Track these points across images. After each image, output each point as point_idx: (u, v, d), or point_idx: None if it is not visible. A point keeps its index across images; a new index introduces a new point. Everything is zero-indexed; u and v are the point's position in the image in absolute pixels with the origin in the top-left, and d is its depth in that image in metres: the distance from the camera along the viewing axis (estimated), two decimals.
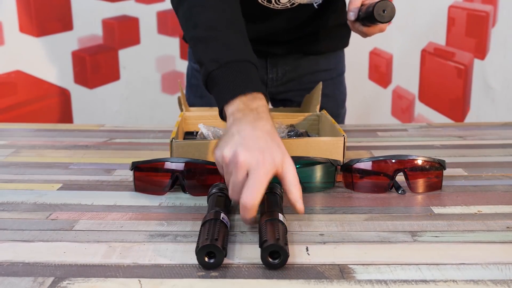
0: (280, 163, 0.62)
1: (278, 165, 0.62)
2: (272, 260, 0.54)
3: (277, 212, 0.61)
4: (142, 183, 0.77)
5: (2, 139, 1.08)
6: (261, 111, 0.67)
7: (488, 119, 1.64)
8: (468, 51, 1.77)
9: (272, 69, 1.18)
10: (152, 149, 1.01)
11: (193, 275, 0.53)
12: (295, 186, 0.62)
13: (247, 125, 0.65)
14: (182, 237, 0.62)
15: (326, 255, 0.57)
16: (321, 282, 0.52)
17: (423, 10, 2.07)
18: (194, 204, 0.72)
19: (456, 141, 1.06)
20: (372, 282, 0.52)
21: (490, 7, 1.64)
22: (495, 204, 0.72)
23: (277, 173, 0.62)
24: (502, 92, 1.62)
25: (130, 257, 0.57)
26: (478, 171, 0.86)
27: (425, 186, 0.77)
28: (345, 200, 0.74)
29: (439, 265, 0.55)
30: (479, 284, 0.51)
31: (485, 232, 0.63)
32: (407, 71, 2.24)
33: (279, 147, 0.63)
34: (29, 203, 0.73)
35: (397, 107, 2.37)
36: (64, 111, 2.09)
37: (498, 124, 1.21)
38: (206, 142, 0.80)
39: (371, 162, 0.77)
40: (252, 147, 0.62)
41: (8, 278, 0.53)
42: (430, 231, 0.63)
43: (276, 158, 0.61)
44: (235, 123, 0.66)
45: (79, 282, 0.52)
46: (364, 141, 1.06)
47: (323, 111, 0.99)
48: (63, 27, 2.02)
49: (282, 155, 0.62)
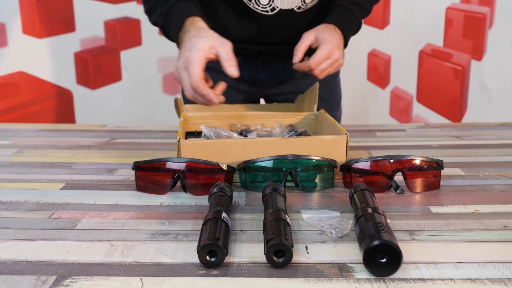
0: (207, 47, 0.86)
1: (206, 49, 0.86)
2: (276, 258, 0.54)
3: (283, 212, 0.61)
4: (143, 183, 0.78)
5: (6, 139, 1.08)
6: (195, 24, 0.93)
7: (485, 120, 1.65)
8: (465, 52, 1.78)
9: (263, 69, 1.17)
10: (153, 149, 1.01)
11: (194, 274, 0.54)
12: (223, 57, 0.87)
13: (186, 39, 0.90)
14: (183, 236, 0.62)
15: (326, 254, 0.58)
16: (320, 280, 0.52)
17: (421, 12, 2.08)
18: (195, 204, 0.73)
19: (453, 141, 1.07)
20: (370, 280, 0.52)
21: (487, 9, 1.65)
22: (492, 204, 0.73)
23: (208, 55, 0.87)
24: (499, 93, 1.63)
25: (131, 255, 0.58)
26: (475, 171, 0.87)
27: (423, 185, 0.77)
28: (344, 199, 0.75)
29: (437, 263, 0.56)
30: (476, 282, 0.52)
31: (482, 231, 0.64)
32: (405, 72, 2.25)
33: (207, 38, 0.88)
34: (32, 203, 0.73)
35: (395, 108, 2.38)
36: (66, 111, 2.09)
37: (495, 125, 1.21)
38: (213, 142, 0.80)
39: (370, 162, 0.77)
40: (184, 49, 0.88)
41: (11, 276, 0.53)
42: (428, 230, 0.64)
43: (204, 45, 0.86)
44: (181, 45, 0.92)
45: (82, 281, 0.52)
46: (362, 141, 1.06)
47: (321, 111, 0.99)
48: (66, 28, 2.02)
49: (209, 40, 0.87)
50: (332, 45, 0.97)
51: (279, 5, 1.04)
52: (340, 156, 0.81)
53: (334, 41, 0.98)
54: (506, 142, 1.05)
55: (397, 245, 0.52)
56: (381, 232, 0.54)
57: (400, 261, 0.52)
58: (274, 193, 0.67)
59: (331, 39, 0.98)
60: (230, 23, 1.10)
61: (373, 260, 0.53)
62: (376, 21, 2.45)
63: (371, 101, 2.58)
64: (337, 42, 0.98)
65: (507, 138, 1.09)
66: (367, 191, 0.67)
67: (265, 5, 1.04)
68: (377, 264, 0.53)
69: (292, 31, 1.07)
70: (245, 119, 1.01)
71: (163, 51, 2.30)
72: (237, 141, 0.81)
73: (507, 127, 1.18)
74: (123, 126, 1.22)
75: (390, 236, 0.54)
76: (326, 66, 0.97)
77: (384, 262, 0.52)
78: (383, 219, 0.58)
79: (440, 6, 1.92)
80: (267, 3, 1.04)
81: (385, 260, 0.52)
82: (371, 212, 0.59)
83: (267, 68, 1.17)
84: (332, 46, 0.97)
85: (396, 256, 0.52)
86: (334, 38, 0.98)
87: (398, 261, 0.52)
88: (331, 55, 0.97)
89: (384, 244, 0.52)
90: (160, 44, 2.28)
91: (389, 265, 0.53)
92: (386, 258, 0.52)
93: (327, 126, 0.94)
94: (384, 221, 0.57)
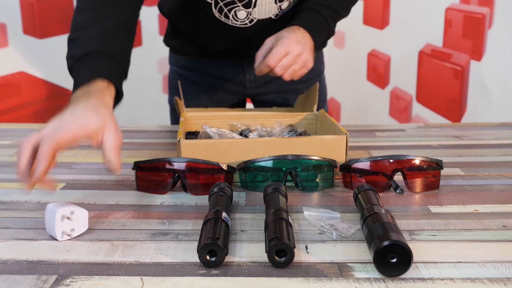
0: (93, 129, 0.67)
1: (90, 132, 0.67)
2: (278, 258, 0.55)
3: (285, 212, 0.62)
4: (144, 183, 0.78)
5: (6, 139, 1.08)
6: (93, 92, 0.73)
7: (485, 120, 1.65)
8: (465, 52, 1.79)
9: (249, 70, 1.18)
10: (153, 149, 1.01)
11: (194, 273, 0.54)
12: (107, 149, 0.68)
13: (73, 105, 0.71)
14: (184, 236, 0.63)
15: (325, 253, 0.58)
16: (320, 280, 0.53)
17: (421, 12, 2.08)
18: (195, 203, 0.73)
19: (453, 141, 1.07)
20: (370, 280, 0.52)
21: (487, 9, 1.65)
22: (491, 203, 0.73)
23: (91, 138, 0.68)
24: (498, 93, 1.63)
25: (132, 255, 0.58)
26: (475, 171, 0.87)
27: (422, 185, 0.78)
28: (344, 199, 0.75)
29: (437, 263, 0.56)
30: (475, 282, 0.52)
31: (481, 231, 0.64)
32: (405, 72, 2.25)
33: (98, 116, 0.69)
34: (32, 202, 0.73)
35: (394, 108, 2.38)
36: None
37: (494, 125, 1.22)
38: (213, 142, 0.81)
39: (370, 162, 0.78)
40: (64, 119, 0.68)
41: (12, 276, 0.53)
42: (428, 230, 0.64)
43: (90, 125, 0.67)
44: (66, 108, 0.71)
45: (82, 280, 0.52)
46: (362, 141, 1.07)
47: (321, 111, 1.00)
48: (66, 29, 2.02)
49: (101, 121, 0.68)
50: (290, 40, 0.91)
51: (257, 16, 1.04)
52: (340, 156, 0.81)
53: (294, 37, 0.92)
54: (506, 142, 1.05)
55: (408, 246, 0.52)
56: (391, 232, 0.54)
57: (410, 261, 0.52)
58: (276, 193, 0.68)
59: (289, 36, 0.92)
60: (209, 37, 1.10)
61: (384, 259, 0.53)
62: (375, 22, 2.46)
63: (371, 101, 2.58)
64: (297, 38, 0.93)
65: (507, 138, 1.09)
66: (371, 191, 0.67)
67: (244, 19, 1.03)
68: (387, 264, 0.53)
69: (270, 35, 1.07)
70: (245, 119, 1.01)
71: (163, 51, 2.30)
72: (237, 141, 0.82)
73: (506, 127, 1.18)
74: (123, 126, 1.21)
75: (400, 236, 0.54)
76: (287, 62, 0.91)
77: (394, 262, 0.53)
78: (390, 219, 0.58)
79: (440, 7, 1.92)
80: (245, 17, 1.03)
81: (395, 260, 0.53)
82: (379, 212, 0.59)
83: (252, 69, 1.18)
84: (290, 40, 0.91)
85: (406, 256, 0.52)
86: (294, 35, 0.93)
87: (408, 261, 0.52)
88: (289, 50, 0.90)
89: (395, 244, 0.52)
90: (160, 44, 2.28)
91: (399, 265, 0.53)
92: (396, 258, 0.52)
93: (327, 126, 0.94)
94: (392, 221, 0.58)
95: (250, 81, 1.19)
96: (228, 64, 1.17)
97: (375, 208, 0.60)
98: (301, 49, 0.92)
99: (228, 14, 1.02)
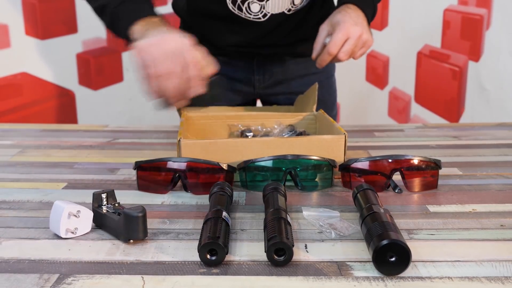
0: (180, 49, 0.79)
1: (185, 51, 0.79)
2: (277, 257, 0.55)
3: (283, 212, 0.62)
4: (145, 182, 0.78)
5: (9, 139, 1.09)
6: (157, 23, 0.85)
7: (483, 120, 1.66)
8: (463, 53, 1.79)
9: (259, 70, 1.18)
10: (154, 149, 1.02)
11: (195, 272, 0.54)
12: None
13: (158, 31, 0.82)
14: (184, 235, 0.63)
15: (325, 252, 0.59)
16: (319, 278, 0.53)
17: (419, 13, 2.09)
18: (195, 203, 0.74)
19: (451, 141, 1.08)
20: (369, 279, 0.53)
21: (484, 10, 1.66)
22: (489, 203, 0.73)
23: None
24: (496, 93, 1.64)
25: (133, 254, 0.58)
26: (473, 171, 0.88)
27: (421, 185, 0.78)
28: (343, 199, 0.76)
29: (435, 262, 0.56)
30: (473, 281, 0.53)
31: (479, 230, 0.64)
32: (403, 73, 2.26)
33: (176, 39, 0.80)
34: (34, 202, 0.74)
35: (393, 108, 2.39)
36: (68, 112, 2.09)
37: (492, 125, 1.22)
38: (213, 142, 0.81)
39: (369, 162, 0.78)
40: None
41: (14, 275, 0.54)
42: (426, 229, 0.65)
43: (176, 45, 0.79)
44: (143, 35, 0.82)
45: (84, 279, 0.53)
46: (361, 141, 1.07)
47: (320, 111, 1.00)
48: (68, 30, 2.03)
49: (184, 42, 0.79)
50: (347, 23, 0.88)
51: (270, 10, 1.04)
52: (339, 156, 0.82)
53: (349, 19, 0.89)
54: (503, 142, 1.06)
55: (406, 245, 0.53)
56: (390, 231, 0.55)
57: (409, 260, 0.53)
58: (275, 193, 0.68)
59: (344, 18, 0.90)
60: (222, 32, 1.10)
61: (382, 258, 0.53)
62: (374, 23, 2.46)
63: (370, 102, 2.59)
64: (353, 20, 0.90)
65: (504, 138, 1.09)
66: (370, 190, 0.68)
67: (257, 13, 1.03)
68: (385, 263, 0.53)
69: (283, 33, 1.07)
70: (245, 119, 1.02)
71: None
72: (237, 141, 0.82)
73: (504, 127, 1.18)
74: (124, 126, 1.23)
75: (399, 235, 0.55)
76: (350, 46, 0.88)
77: (393, 261, 0.53)
78: (389, 218, 0.58)
79: (438, 8, 1.93)
80: (258, 10, 1.03)
81: (394, 259, 0.53)
82: (378, 212, 0.59)
83: (262, 69, 1.18)
84: (347, 24, 0.88)
85: (405, 255, 0.53)
86: (349, 16, 0.90)
87: (407, 260, 0.53)
88: (350, 34, 0.88)
89: (394, 243, 0.53)
90: None
91: (398, 264, 0.53)
92: (395, 257, 0.53)
93: (326, 126, 0.94)
94: (391, 220, 0.58)
95: (259, 81, 1.19)
96: (238, 63, 1.17)
97: (374, 208, 0.61)
98: (360, 30, 0.89)
99: (242, 7, 1.02)
